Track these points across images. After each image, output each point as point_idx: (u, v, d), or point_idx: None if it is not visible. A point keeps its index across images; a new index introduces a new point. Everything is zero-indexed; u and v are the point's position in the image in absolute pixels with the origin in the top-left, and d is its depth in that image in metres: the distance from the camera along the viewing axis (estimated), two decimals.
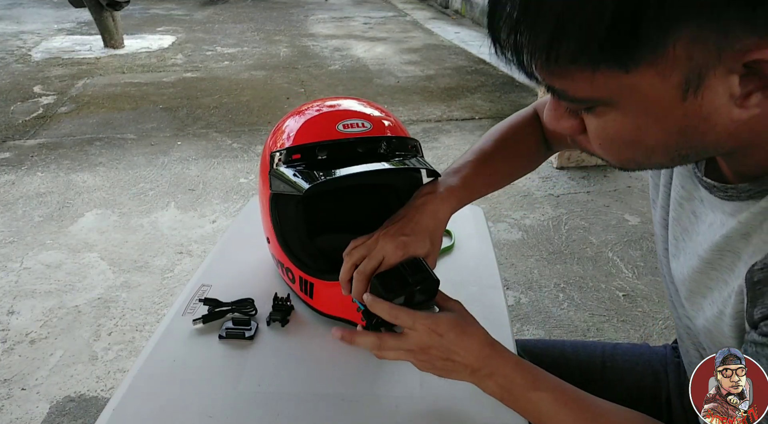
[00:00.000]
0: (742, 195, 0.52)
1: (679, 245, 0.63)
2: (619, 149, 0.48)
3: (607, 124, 0.46)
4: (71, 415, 1.64)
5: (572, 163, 3.23)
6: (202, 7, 8.44)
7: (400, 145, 0.81)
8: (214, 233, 2.58)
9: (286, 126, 0.84)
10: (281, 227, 0.84)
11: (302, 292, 0.86)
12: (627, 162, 0.50)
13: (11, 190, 2.95)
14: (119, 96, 4.43)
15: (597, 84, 0.42)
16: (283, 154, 0.79)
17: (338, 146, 0.77)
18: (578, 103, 0.46)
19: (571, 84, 0.44)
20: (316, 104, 0.86)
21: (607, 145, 0.48)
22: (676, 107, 0.42)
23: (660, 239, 0.69)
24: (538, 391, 0.61)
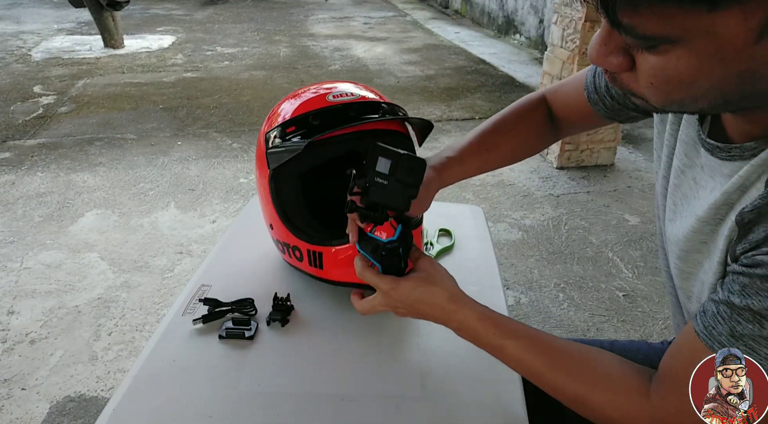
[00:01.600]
0: (745, 154, 0.52)
1: (677, 210, 0.64)
2: (671, 90, 0.47)
3: (668, 63, 0.44)
4: (71, 415, 1.64)
5: (572, 163, 3.24)
6: (202, 7, 8.44)
7: (390, 110, 0.83)
8: (214, 233, 2.58)
9: (281, 109, 0.87)
10: (283, 206, 0.85)
11: (312, 266, 0.87)
12: (671, 104, 0.49)
13: (11, 190, 2.95)
14: (119, 96, 4.43)
15: (674, 21, 0.41)
16: (277, 130, 0.82)
17: (330, 112, 0.80)
18: (644, 40, 0.44)
19: (644, 20, 0.42)
20: (313, 87, 0.89)
21: (660, 85, 0.47)
22: (747, 50, 0.42)
23: (660, 208, 0.70)
24: (504, 339, 0.64)
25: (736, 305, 0.49)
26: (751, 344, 0.47)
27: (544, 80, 3.27)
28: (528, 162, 3.31)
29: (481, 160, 0.87)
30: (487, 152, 0.87)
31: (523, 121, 0.89)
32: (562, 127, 0.89)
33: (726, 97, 0.46)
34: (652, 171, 3.24)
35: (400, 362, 0.79)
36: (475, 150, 0.87)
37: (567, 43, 3.01)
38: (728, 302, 0.49)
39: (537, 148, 0.93)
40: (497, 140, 0.87)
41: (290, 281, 0.95)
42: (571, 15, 2.94)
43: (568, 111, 0.86)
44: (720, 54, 0.42)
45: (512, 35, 6.53)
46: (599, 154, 3.25)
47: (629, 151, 3.50)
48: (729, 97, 0.46)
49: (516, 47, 6.21)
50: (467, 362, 0.78)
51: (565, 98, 0.86)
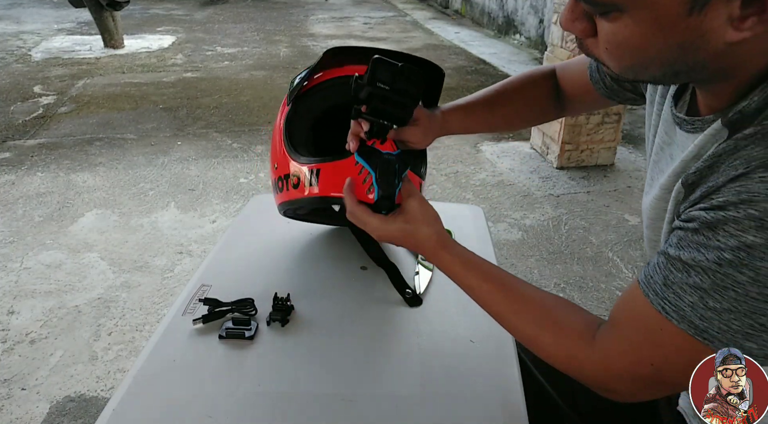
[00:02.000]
0: (705, 126, 0.56)
1: (653, 184, 0.68)
2: (622, 55, 0.52)
3: (617, 29, 0.50)
4: (71, 415, 1.64)
5: (572, 163, 3.24)
6: (202, 7, 8.44)
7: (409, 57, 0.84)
8: (214, 233, 2.58)
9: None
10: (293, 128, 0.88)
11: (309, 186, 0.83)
12: (626, 70, 0.54)
13: (11, 190, 2.95)
14: (119, 96, 4.43)
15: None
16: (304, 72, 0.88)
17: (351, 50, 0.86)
18: (597, 6, 0.50)
19: None
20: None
21: (612, 50, 0.52)
22: (681, 21, 0.46)
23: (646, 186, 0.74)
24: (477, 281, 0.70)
25: (670, 256, 0.52)
26: (679, 291, 0.51)
27: None
28: (528, 162, 3.31)
29: (487, 114, 0.90)
30: (493, 108, 0.90)
31: (531, 87, 0.92)
32: (566, 102, 0.92)
33: (673, 67, 0.51)
34: None
35: (400, 362, 0.79)
36: (482, 103, 0.90)
37: (567, 43, 3.01)
38: (665, 254, 0.53)
39: (540, 116, 0.96)
40: (504, 99, 0.91)
41: (290, 281, 0.95)
42: None
43: (573, 87, 0.90)
44: (659, 24, 0.47)
45: (512, 35, 6.53)
46: (599, 154, 3.25)
47: (629, 151, 3.50)
48: (676, 68, 0.51)
49: (516, 47, 6.21)
50: (467, 362, 0.78)
51: (571, 74, 0.90)
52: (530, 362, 0.87)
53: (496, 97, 0.91)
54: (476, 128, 0.92)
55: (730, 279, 0.47)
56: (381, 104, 0.71)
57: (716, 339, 0.49)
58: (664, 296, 0.52)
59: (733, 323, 0.48)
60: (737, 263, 0.46)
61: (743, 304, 0.47)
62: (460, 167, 3.26)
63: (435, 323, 0.86)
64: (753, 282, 0.46)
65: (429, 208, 0.75)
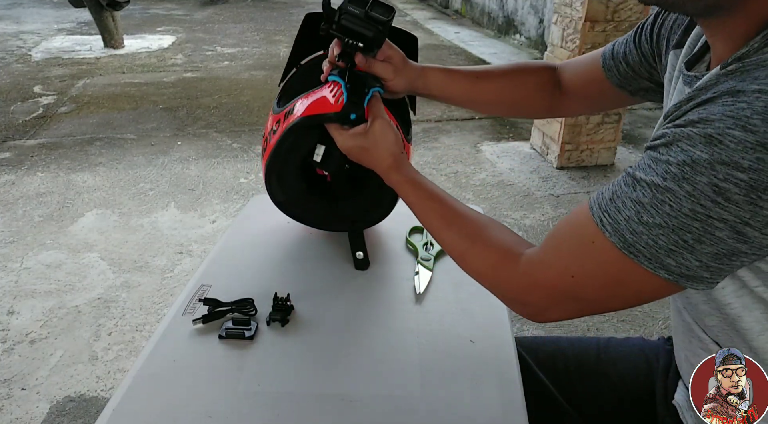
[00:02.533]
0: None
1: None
2: None
3: None
4: (71, 415, 1.64)
5: (572, 163, 3.24)
6: (202, 7, 8.43)
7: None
8: (214, 233, 2.58)
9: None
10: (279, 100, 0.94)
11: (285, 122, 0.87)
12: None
13: (11, 190, 2.95)
14: (119, 96, 4.43)
15: None
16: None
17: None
18: None
19: None
20: None
21: None
22: None
23: None
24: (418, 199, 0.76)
25: (626, 173, 0.54)
26: (620, 205, 0.53)
27: None
28: (528, 162, 3.31)
29: (468, 85, 0.90)
30: (477, 81, 0.90)
31: (522, 73, 0.92)
32: (563, 99, 0.92)
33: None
34: None
35: (400, 362, 0.79)
36: (467, 73, 0.91)
37: (567, 43, 3.01)
38: (624, 172, 0.55)
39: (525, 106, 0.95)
40: (490, 76, 0.91)
41: (290, 281, 0.95)
42: (571, 15, 2.94)
43: (579, 78, 0.89)
44: None
45: (512, 35, 6.53)
46: (599, 154, 3.25)
47: (629, 151, 3.50)
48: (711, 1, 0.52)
49: (516, 47, 6.21)
50: (467, 362, 0.78)
51: (578, 65, 0.90)
52: (531, 362, 0.87)
53: (483, 73, 0.91)
54: (454, 95, 0.91)
55: (669, 193, 0.49)
56: (351, 25, 0.74)
57: (641, 254, 0.52)
58: (606, 208, 0.54)
59: (660, 238, 0.50)
60: (680, 177, 0.48)
61: (674, 219, 0.49)
62: (460, 167, 3.26)
63: (435, 323, 0.86)
64: (688, 197, 0.48)
65: (390, 131, 0.78)
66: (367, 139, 0.78)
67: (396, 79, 0.84)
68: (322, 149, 0.85)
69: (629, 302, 0.59)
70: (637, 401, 0.84)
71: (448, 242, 0.72)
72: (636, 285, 0.55)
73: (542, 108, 0.95)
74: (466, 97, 0.92)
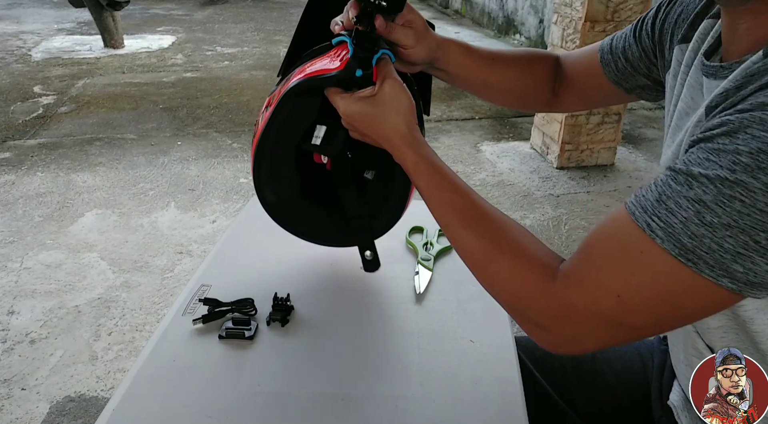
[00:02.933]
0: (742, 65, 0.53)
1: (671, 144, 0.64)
2: None
3: None
4: (71, 415, 1.64)
5: (572, 163, 3.24)
6: (202, 7, 8.43)
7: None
8: (214, 233, 2.58)
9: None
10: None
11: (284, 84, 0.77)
12: None
13: (11, 190, 2.95)
14: (119, 96, 4.43)
15: None
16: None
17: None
18: None
19: None
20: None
21: None
22: None
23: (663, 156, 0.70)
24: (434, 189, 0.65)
25: (674, 170, 0.48)
26: (673, 206, 0.46)
27: None
28: (528, 162, 3.31)
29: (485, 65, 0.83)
30: (493, 64, 0.83)
31: (534, 60, 0.88)
32: (563, 91, 0.88)
33: None
34: (652, 171, 3.24)
35: (400, 362, 0.79)
36: (484, 53, 0.83)
37: (567, 43, 3.01)
38: (669, 168, 0.48)
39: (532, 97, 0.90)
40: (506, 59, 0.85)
41: (290, 281, 0.95)
42: (571, 15, 2.94)
43: (576, 71, 0.86)
44: None
45: (512, 35, 6.52)
46: (599, 154, 3.25)
47: (629, 151, 3.50)
48: None
49: (516, 47, 6.21)
50: (467, 362, 0.78)
51: (576, 58, 0.87)
52: (530, 363, 0.87)
53: (498, 55, 0.85)
54: (471, 75, 0.83)
55: (740, 187, 0.43)
56: None
57: (701, 260, 0.45)
58: (654, 212, 0.47)
59: (727, 240, 0.44)
60: (754, 167, 0.42)
61: (746, 217, 0.43)
62: (460, 167, 3.26)
63: (435, 323, 0.86)
64: (765, 190, 0.42)
65: (403, 94, 0.67)
66: (375, 104, 0.67)
67: (417, 47, 0.74)
68: (323, 130, 0.74)
69: (678, 322, 0.51)
70: (633, 401, 0.84)
71: (468, 246, 0.62)
72: (692, 300, 0.47)
73: (544, 102, 0.90)
74: (482, 80, 0.84)
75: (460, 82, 0.85)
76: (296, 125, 0.74)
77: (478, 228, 0.61)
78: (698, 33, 0.65)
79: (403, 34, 0.72)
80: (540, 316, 0.54)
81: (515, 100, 0.91)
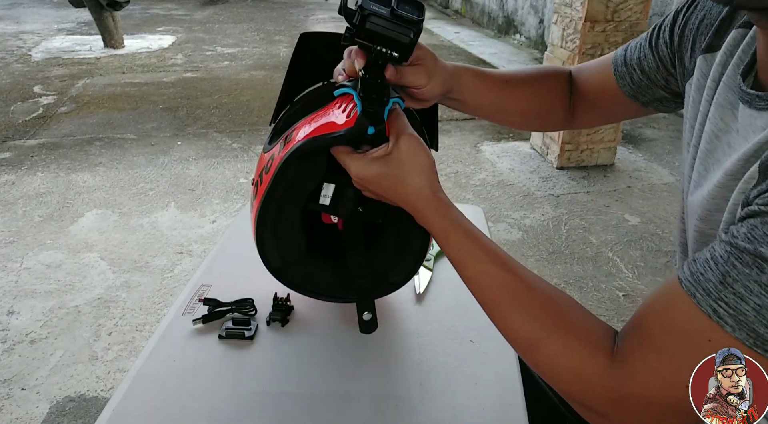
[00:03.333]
0: None
1: (707, 176, 0.59)
2: None
3: None
4: (71, 415, 1.64)
5: (572, 163, 3.24)
6: (202, 7, 8.43)
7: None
8: (214, 233, 2.58)
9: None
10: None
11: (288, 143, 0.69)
12: None
13: (11, 190, 2.95)
14: (119, 96, 4.43)
15: None
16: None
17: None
18: None
19: None
20: None
21: None
22: None
23: (686, 179, 0.65)
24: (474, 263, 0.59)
25: (737, 247, 0.43)
26: (742, 291, 0.42)
27: None
28: (528, 162, 3.31)
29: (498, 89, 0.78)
30: (505, 84, 0.78)
31: (546, 78, 0.83)
32: (579, 107, 0.84)
33: None
34: (652, 171, 3.24)
35: (400, 362, 0.79)
36: (495, 76, 0.78)
37: (567, 43, 3.01)
38: (730, 244, 0.44)
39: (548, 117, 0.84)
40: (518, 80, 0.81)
41: None
42: (571, 15, 2.94)
43: (590, 85, 0.81)
44: None
45: (512, 35, 6.53)
46: (599, 154, 3.25)
47: (629, 151, 3.50)
48: None
49: (516, 47, 6.21)
50: (467, 362, 0.78)
51: (588, 71, 0.82)
52: None
53: (510, 77, 0.80)
54: (486, 102, 0.78)
55: None
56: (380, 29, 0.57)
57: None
58: (719, 296, 0.43)
59: None
60: None
61: None
62: (460, 167, 3.26)
63: (435, 323, 0.86)
64: None
65: (422, 152, 0.61)
66: (391, 165, 0.59)
67: (430, 84, 0.68)
68: (331, 188, 0.68)
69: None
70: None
71: (514, 328, 0.56)
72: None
73: (561, 120, 0.85)
74: (497, 105, 0.79)
75: (474, 109, 0.80)
76: (301, 188, 0.68)
77: (524, 306, 0.56)
78: (727, 44, 0.60)
79: (415, 74, 0.67)
80: (598, 402, 0.50)
81: (531, 121, 0.87)
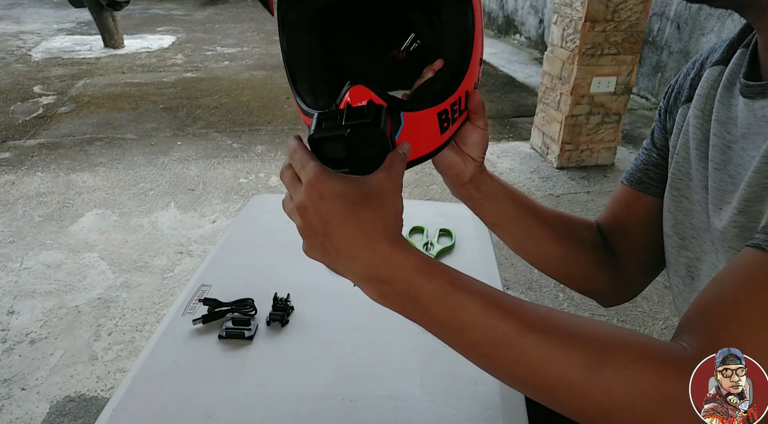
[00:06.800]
0: None
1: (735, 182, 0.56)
2: None
3: None
4: (71, 415, 1.64)
5: (572, 163, 3.24)
6: (202, 7, 8.43)
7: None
8: (214, 233, 2.58)
9: None
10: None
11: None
12: None
13: (11, 190, 2.95)
14: (119, 96, 4.43)
15: None
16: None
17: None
18: None
19: None
20: None
21: None
22: None
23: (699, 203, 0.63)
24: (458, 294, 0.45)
25: None
26: None
27: (544, 80, 3.27)
28: (528, 162, 3.31)
29: (522, 215, 0.71)
30: (529, 216, 0.72)
31: (576, 222, 0.77)
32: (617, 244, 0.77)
33: None
34: None
35: (400, 362, 0.79)
36: (524, 199, 0.72)
37: (567, 43, 3.01)
38: None
39: (584, 263, 0.76)
40: (546, 214, 0.74)
41: (290, 281, 0.95)
42: (571, 15, 2.94)
43: (615, 213, 0.78)
44: None
45: (512, 35, 6.53)
46: (599, 154, 3.25)
47: (629, 151, 3.50)
48: None
49: (516, 47, 6.21)
50: (467, 362, 0.78)
51: (609, 206, 0.79)
52: None
53: (539, 208, 0.73)
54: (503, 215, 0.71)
55: None
56: (340, 154, 0.50)
57: None
58: None
59: None
60: None
61: None
62: None
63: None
64: None
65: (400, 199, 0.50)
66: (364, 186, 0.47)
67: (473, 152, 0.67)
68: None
69: None
70: None
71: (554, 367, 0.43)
72: None
73: (601, 267, 0.77)
74: (511, 228, 0.72)
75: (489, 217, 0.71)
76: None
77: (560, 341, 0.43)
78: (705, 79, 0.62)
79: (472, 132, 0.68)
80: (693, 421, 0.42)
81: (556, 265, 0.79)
